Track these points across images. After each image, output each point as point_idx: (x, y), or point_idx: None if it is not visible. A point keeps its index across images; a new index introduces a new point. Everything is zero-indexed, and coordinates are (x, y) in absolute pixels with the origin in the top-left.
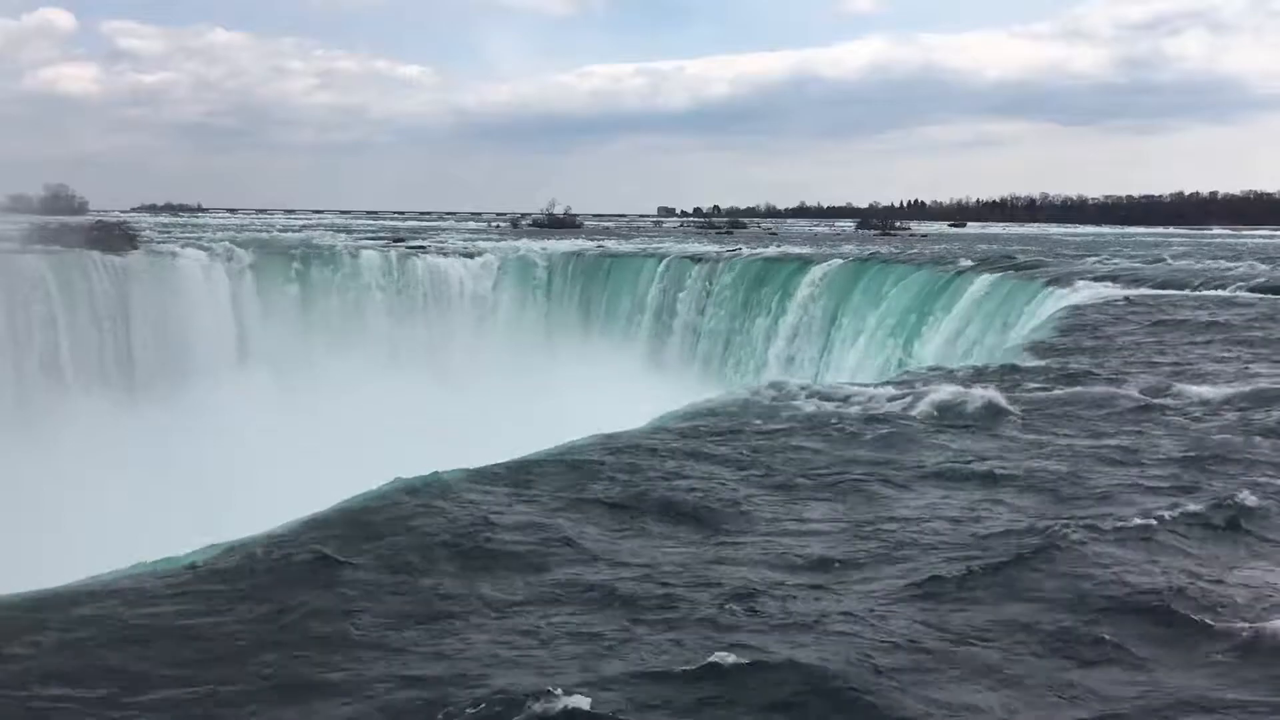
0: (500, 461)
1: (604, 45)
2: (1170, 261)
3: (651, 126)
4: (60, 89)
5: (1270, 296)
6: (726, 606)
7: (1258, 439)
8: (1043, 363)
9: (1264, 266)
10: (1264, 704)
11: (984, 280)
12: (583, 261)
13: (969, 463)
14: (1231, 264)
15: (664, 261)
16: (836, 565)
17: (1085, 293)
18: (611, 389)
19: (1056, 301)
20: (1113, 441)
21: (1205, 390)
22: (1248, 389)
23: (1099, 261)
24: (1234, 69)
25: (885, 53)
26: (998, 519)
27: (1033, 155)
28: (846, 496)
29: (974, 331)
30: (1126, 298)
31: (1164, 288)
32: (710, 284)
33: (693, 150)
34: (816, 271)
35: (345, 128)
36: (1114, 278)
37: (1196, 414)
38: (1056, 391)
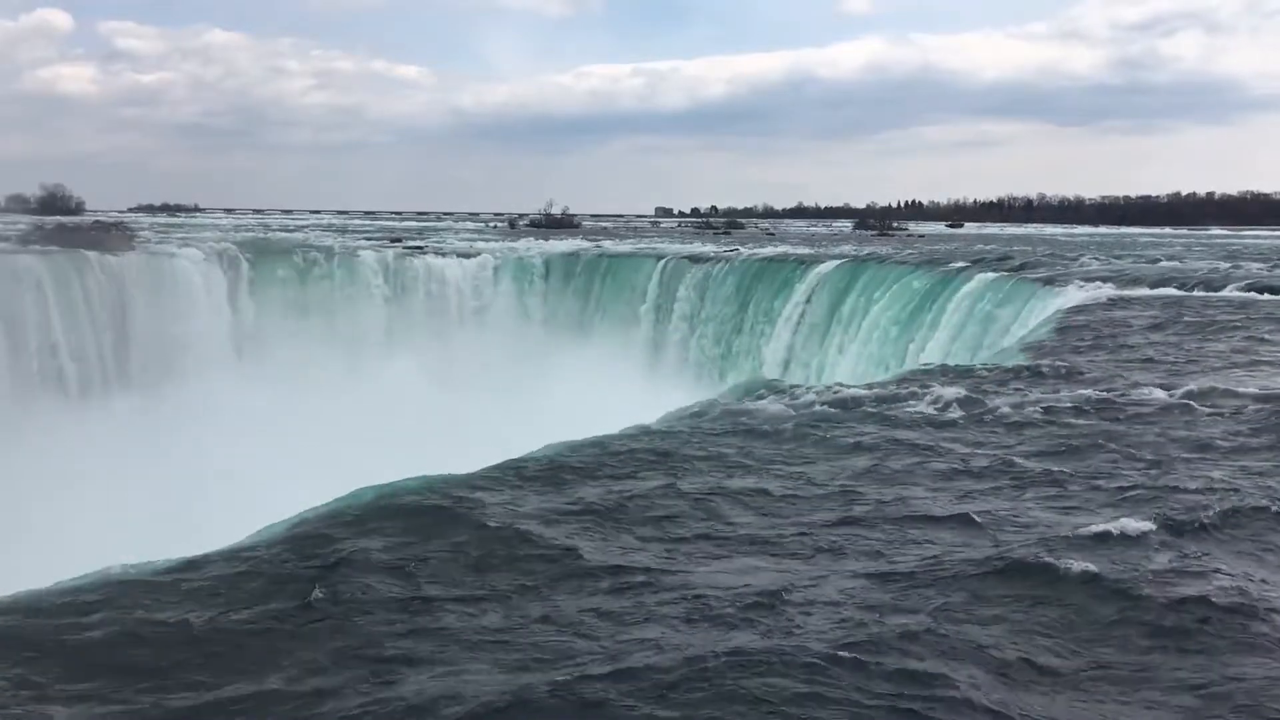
0: (494, 464)
1: (601, 46)
2: (1165, 262)
3: (649, 127)
4: (58, 89)
5: (1267, 297)
6: (714, 606)
7: (1251, 438)
8: (1039, 363)
9: (1258, 266)
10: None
11: (981, 280)
12: (580, 262)
13: (964, 465)
14: (1226, 264)
15: (661, 262)
16: (823, 566)
17: (1082, 293)
18: (609, 389)
19: (1053, 302)
20: (1112, 443)
21: (1198, 390)
22: (1241, 388)
23: (1083, 265)
24: (1230, 70)
25: (882, 53)
26: (994, 519)
27: (1029, 156)
28: (835, 496)
29: (971, 332)
30: (1123, 298)
31: (1159, 287)
32: (708, 284)
33: (690, 150)
34: (814, 272)
35: (343, 128)
36: (1111, 278)
37: (1193, 414)
38: (1051, 393)
